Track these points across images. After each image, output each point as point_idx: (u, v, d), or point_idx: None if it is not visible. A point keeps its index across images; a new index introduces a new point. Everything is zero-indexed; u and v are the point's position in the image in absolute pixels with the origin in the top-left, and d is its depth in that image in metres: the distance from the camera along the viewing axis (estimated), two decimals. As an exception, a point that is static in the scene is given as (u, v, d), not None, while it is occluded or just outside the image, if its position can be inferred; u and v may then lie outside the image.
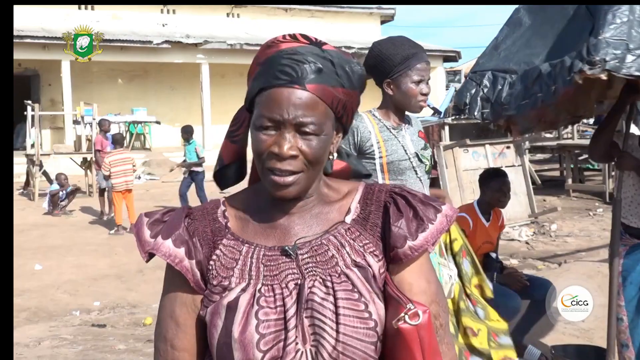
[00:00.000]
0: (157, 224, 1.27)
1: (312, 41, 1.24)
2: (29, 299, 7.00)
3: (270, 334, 1.16)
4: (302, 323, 1.17)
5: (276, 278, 1.21)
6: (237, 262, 1.23)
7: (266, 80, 1.20)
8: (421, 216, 1.24)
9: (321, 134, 1.21)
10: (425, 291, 1.24)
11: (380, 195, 1.29)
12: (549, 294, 4.45)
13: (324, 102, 1.20)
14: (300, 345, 1.16)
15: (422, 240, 1.23)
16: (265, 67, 1.22)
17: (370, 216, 1.27)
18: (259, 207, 1.28)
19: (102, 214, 11.78)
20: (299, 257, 1.22)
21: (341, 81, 1.22)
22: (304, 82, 1.18)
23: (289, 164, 1.19)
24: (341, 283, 1.20)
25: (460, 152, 10.10)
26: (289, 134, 1.18)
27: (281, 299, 1.19)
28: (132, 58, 19.37)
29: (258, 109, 1.21)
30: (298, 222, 1.26)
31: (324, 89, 1.20)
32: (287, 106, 1.18)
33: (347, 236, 1.25)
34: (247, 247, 1.24)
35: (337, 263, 1.22)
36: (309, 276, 1.20)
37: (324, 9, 24.30)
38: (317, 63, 1.19)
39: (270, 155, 1.19)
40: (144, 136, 20.85)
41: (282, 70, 1.19)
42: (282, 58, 1.20)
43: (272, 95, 1.19)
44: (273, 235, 1.26)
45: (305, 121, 1.18)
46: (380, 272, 1.23)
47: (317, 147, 1.20)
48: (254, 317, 1.16)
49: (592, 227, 9.97)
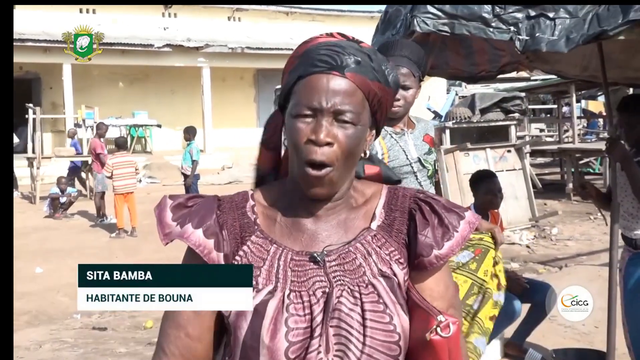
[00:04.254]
0: (180, 208, 1.24)
1: (349, 38, 1.25)
2: (30, 302, 6.99)
3: (298, 342, 1.14)
4: (327, 332, 1.15)
5: (304, 285, 1.19)
6: (264, 262, 1.21)
7: (305, 69, 1.20)
8: (446, 224, 1.23)
9: (358, 123, 1.20)
10: (444, 296, 1.25)
11: (405, 201, 1.28)
12: (549, 295, 4.45)
13: (362, 92, 1.20)
14: (322, 354, 1.14)
15: (447, 249, 1.22)
16: (303, 58, 1.22)
17: (395, 222, 1.26)
18: (286, 206, 1.26)
19: (98, 217, 11.75)
20: (327, 265, 1.21)
21: (378, 76, 1.22)
22: (343, 70, 1.18)
23: (323, 153, 1.17)
24: (368, 294, 1.19)
25: (461, 156, 10.10)
26: (326, 122, 1.17)
27: (309, 306, 1.17)
28: (133, 61, 19.40)
29: (296, 97, 1.20)
30: (325, 228, 1.25)
31: (363, 80, 1.19)
32: (325, 92, 1.17)
33: (374, 243, 1.24)
34: (275, 247, 1.23)
35: (364, 272, 1.21)
36: (337, 285, 1.19)
37: (325, 13, 24.35)
38: (356, 55, 1.20)
39: (308, 144, 1.17)
40: (144, 139, 20.87)
41: (321, 59, 1.19)
42: (321, 49, 1.20)
43: (311, 81, 1.18)
44: (300, 239, 1.24)
45: (344, 109, 1.17)
46: (405, 279, 1.23)
47: (352, 137, 1.19)
48: (284, 324, 1.15)
49: (593, 230, 9.96)
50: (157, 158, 18.90)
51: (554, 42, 2.76)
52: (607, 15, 2.67)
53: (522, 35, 2.81)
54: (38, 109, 15.05)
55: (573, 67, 4.43)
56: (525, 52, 2.94)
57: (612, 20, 2.65)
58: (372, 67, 1.21)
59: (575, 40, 2.73)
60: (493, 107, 11.88)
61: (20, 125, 17.63)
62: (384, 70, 1.23)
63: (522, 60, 4.27)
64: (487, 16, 2.87)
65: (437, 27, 2.98)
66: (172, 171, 16.96)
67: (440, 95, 21.52)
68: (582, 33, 2.73)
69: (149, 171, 17.52)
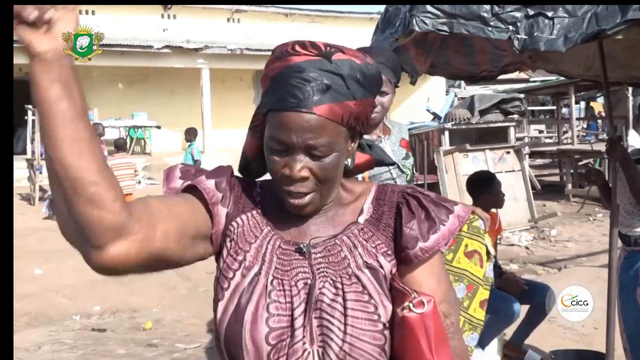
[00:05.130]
0: (189, 171, 1.30)
1: (321, 51, 1.20)
2: (29, 304, 6.99)
3: (279, 329, 1.17)
4: (310, 323, 1.18)
5: (287, 274, 1.22)
6: (256, 240, 1.25)
7: (274, 102, 1.20)
8: (433, 217, 1.25)
9: (332, 153, 1.21)
10: (435, 290, 1.25)
11: (393, 196, 1.30)
12: (548, 297, 4.46)
13: (334, 121, 1.19)
14: (307, 345, 1.17)
15: (433, 242, 1.24)
16: (274, 84, 1.21)
17: (383, 217, 1.28)
18: (279, 202, 1.29)
19: None
20: (312, 256, 1.24)
21: (352, 93, 1.20)
22: (311, 105, 1.16)
23: (301, 185, 1.20)
24: (351, 285, 1.21)
25: (460, 157, 10.11)
26: (299, 156, 1.19)
27: (290, 296, 1.20)
28: (133, 63, 19.38)
29: (269, 131, 1.22)
30: (314, 222, 1.28)
31: (332, 108, 1.18)
32: (295, 131, 1.17)
33: (360, 236, 1.26)
34: (268, 229, 1.27)
35: (348, 264, 1.23)
36: (319, 277, 1.22)
37: (324, 14, 24.35)
38: (324, 80, 1.17)
39: (283, 177, 1.21)
40: (144, 141, 20.85)
41: (290, 91, 1.17)
42: (289, 77, 1.18)
43: (281, 119, 1.18)
44: (289, 230, 1.28)
45: (315, 144, 1.18)
46: (392, 272, 1.25)
47: (329, 167, 1.21)
48: (265, 309, 1.18)
49: (592, 232, 9.97)
50: (156, 159, 18.88)
51: (553, 41, 2.76)
52: (605, 14, 2.67)
53: (520, 34, 2.82)
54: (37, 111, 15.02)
55: (576, 66, 4.44)
56: (524, 51, 2.95)
57: (611, 19, 2.66)
58: (344, 87, 1.19)
59: (574, 40, 2.74)
60: (492, 109, 11.86)
61: (20, 126, 17.64)
62: (359, 81, 1.21)
63: (524, 60, 4.28)
64: (486, 15, 2.88)
65: (435, 27, 2.98)
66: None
67: (440, 97, 21.52)
68: (580, 32, 2.73)
69: (149, 172, 17.50)
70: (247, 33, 22.31)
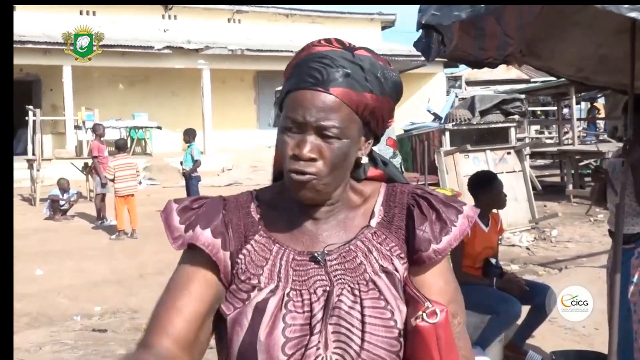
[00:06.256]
0: (186, 211, 1.27)
1: (345, 46, 1.24)
2: (30, 304, 7.00)
3: (296, 338, 1.16)
4: (326, 329, 1.17)
5: (305, 284, 1.21)
6: (267, 261, 1.24)
7: (294, 83, 1.21)
8: (444, 219, 1.25)
9: (343, 137, 1.20)
10: (443, 291, 1.25)
11: (403, 197, 1.30)
12: (548, 297, 4.45)
13: (349, 106, 1.20)
14: (321, 351, 1.16)
15: (445, 244, 1.24)
16: (295, 69, 1.23)
17: (394, 219, 1.28)
18: (287, 207, 1.28)
19: (98, 220, 11.74)
20: (328, 264, 1.23)
21: (370, 87, 1.21)
22: (328, 86, 1.18)
23: (308, 165, 1.19)
24: (368, 291, 1.21)
25: (461, 158, 10.12)
26: (311, 137, 1.19)
27: (309, 304, 1.19)
28: (133, 63, 19.40)
29: (284, 111, 1.22)
30: (325, 229, 1.27)
31: (349, 93, 1.19)
32: (309, 108, 1.18)
33: (374, 240, 1.26)
34: (277, 247, 1.25)
35: (365, 270, 1.23)
36: (337, 284, 1.21)
37: (325, 15, 24.36)
38: (345, 67, 1.20)
39: (292, 157, 1.20)
40: (144, 141, 20.86)
41: (310, 73, 1.19)
42: (311, 61, 1.21)
43: (297, 97, 1.20)
44: (301, 239, 1.26)
45: (327, 124, 1.18)
46: (405, 275, 1.25)
47: (337, 151, 1.20)
48: (282, 320, 1.17)
49: (593, 232, 9.97)
50: (157, 160, 18.90)
51: None
52: None
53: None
54: (38, 111, 15.04)
55: (568, 66, 4.40)
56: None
57: None
58: (363, 78, 1.21)
59: None
60: (493, 109, 11.85)
61: (21, 127, 17.65)
62: (379, 78, 1.23)
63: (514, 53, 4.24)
64: None
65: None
66: (172, 173, 16.96)
67: (440, 97, 21.53)
68: None
69: (149, 173, 17.51)
70: (248, 33, 22.32)
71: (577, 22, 3.60)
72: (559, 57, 4.15)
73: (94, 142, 12.37)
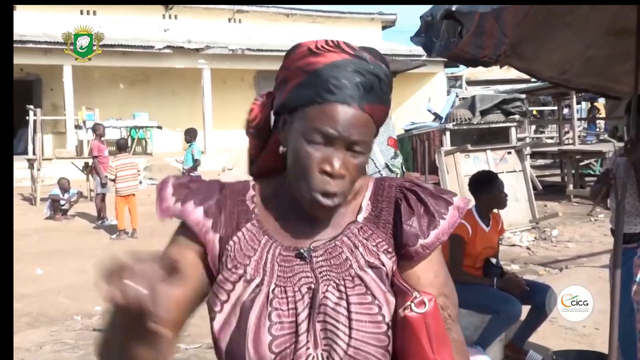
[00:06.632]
0: (182, 188, 1.26)
1: (355, 52, 1.20)
2: (30, 304, 7.00)
3: (283, 337, 1.16)
4: (314, 328, 1.17)
5: (289, 280, 1.20)
6: (255, 252, 1.23)
7: (320, 94, 1.17)
8: (432, 212, 1.24)
9: (367, 151, 1.21)
10: (433, 284, 1.24)
11: (391, 191, 1.28)
12: (549, 297, 4.45)
13: (374, 121, 1.20)
14: (311, 350, 1.16)
15: (433, 238, 1.23)
16: (314, 78, 1.18)
17: (382, 213, 1.27)
18: (279, 203, 1.28)
19: (98, 219, 11.74)
20: (314, 261, 1.22)
21: (384, 98, 1.21)
22: (362, 103, 1.17)
23: (336, 184, 1.18)
24: (354, 287, 1.19)
25: (461, 158, 10.11)
26: (340, 152, 1.18)
27: (293, 302, 1.18)
28: (134, 63, 19.40)
29: (308, 122, 1.18)
30: (313, 225, 1.26)
31: (375, 108, 1.19)
32: (343, 124, 1.16)
33: (360, 235, 1.24)
34: (266, 239, 1.24)
35: (350, 265, 1.21)
36: (322, 280, 1.20)
37: (326, 15, 24.36)
38: (367, 80, 1.18)
39: (322, 174, 1.17)
40: (145, 141, 20.85)
41: (338, 85, 1.16)
42: (333, 70, 1.17)
43: (328, 110, 1.16)
44: (290, 234, 1.25)
45: (358, 140, 1.18)
46: (393, 269, 1.24)
47: (361, 165, 1.21)
48: (267, 318, 1.16)
49: (593, 232, 9.97)
50: (157, 160, 18.89)
51: None
52: None
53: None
54: (38, 111, 15.05)
55: (551, 68, 4.36)
56: None
57: None
58: (380, 90, 1.20)
59: None
60: (493, 109, 11.85)
61: (21, 126, 17.66)
62: (387, 87, 1.23)
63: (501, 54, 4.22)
64: None
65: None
66: (172, 173, 16.93)
67: (441, 97, 21.52)
68: None
69: (150, 173, 17.50)
70: (248, 33, 22.32)
71: (569, 22, 3.59)
72: (544, 58, 4.13)
73: (94, 142, 12.37)
